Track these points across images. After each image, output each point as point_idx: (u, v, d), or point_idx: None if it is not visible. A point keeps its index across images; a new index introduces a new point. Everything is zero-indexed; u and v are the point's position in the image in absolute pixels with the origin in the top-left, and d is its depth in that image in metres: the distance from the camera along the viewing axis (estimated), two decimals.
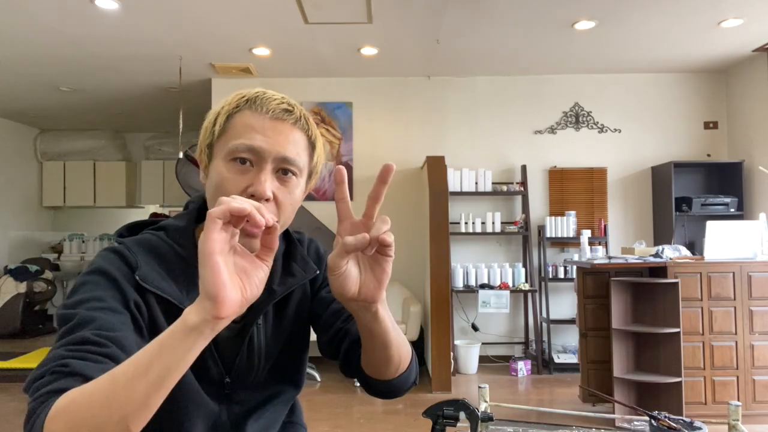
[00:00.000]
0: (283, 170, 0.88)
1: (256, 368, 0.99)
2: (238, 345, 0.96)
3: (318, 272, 1.05)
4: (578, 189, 5.68)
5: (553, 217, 5.47)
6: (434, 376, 4.59)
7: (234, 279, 0.65)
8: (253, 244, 0.73)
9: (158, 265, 0.90)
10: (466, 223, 5.40)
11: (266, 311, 0.99)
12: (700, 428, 1.15)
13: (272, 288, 0.98)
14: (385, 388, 0.99)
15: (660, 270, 3.76)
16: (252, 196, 0.84)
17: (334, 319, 1.04)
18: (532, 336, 5.52)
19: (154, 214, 8.36)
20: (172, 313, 0.86)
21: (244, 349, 0.96)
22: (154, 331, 0.86)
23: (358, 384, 1.03)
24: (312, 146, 0.93)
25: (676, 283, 3.58)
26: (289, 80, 5.78)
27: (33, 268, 7.10)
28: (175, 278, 0.90)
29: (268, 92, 0.92)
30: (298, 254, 1.04)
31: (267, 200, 0.85)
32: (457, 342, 5.34)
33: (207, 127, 0.93)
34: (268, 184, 0.86)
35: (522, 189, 5.52)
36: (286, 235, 1.06)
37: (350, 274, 0.78)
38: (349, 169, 5.76)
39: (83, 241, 8.34)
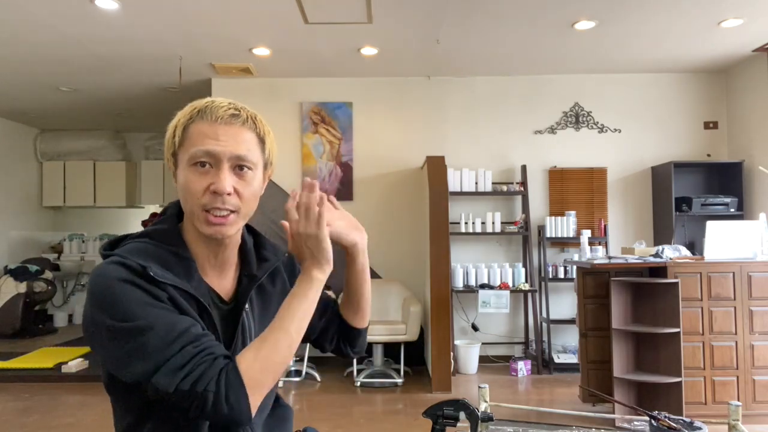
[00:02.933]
0: (239, 166, 1.02)
1: None
2: (231, 331, 1.06)
3: (287, 254, 1.19)
4: (578, 189, 5.68)
5: (553, 217, 5.47)
6: (434, 376, 4.59)
7: None
8: (221, 230, 1.00)
9: (157, 262, 0.99)
10: (466, 223, 5.40)
11: (251, 299, 1.10)
12: (700, 428, 1.15)
13: (252, 274, 1.12)
14: (358, 335, 1.27)
15: (660, 270, 3.76)
16: (215, 192, 0.99)
17: (323, 310, 1.25)
18: (532, 336, 5.52)
19: (153, 214, 8.36)
20: (183, 294, 0.98)
21: (238, 334, 1.06)
22: (177, 308, 0.96)
23: (358, 384, 1.14)
24: (262, 141, 1.05)
25: (676, 283, 3.58)
26: (289, 80, 5.78)
27: (33, 268, 7.10)
28: (175, 272, 1.00)
29: (216, 100, 1.03)
30: (265, 243, 1.18)
31: (228, 194, 0.99)
32: (457, 342, 5.34)
33: (168, 138, 1.05)
34: (227, 180, 0.99)
35: (522, 189, 5.51)
36: (250, 230, 1.18)
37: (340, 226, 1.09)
38: (349, 169, 5.75)
39: (83, 241, 8.34)
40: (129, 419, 1.02)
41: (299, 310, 0.98)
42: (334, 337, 1.27)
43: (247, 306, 1.08)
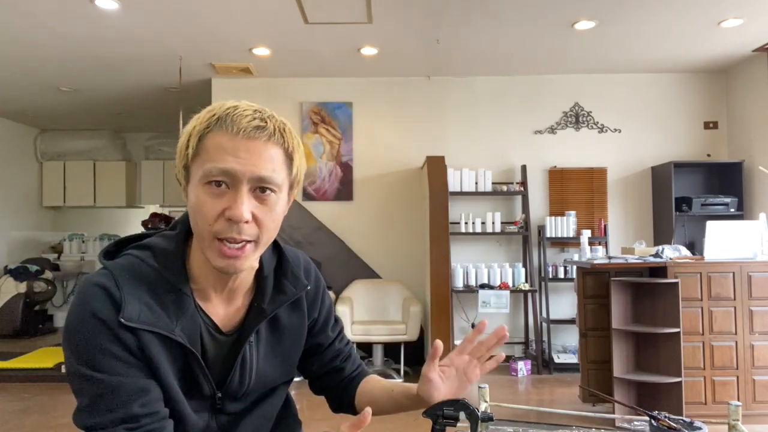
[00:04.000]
0: (261, 188, 0.87)
1: (247, 385, 1.00)
2: (230, 362, 0.97)
3: (309, 287, 1.05)
4: (578, 189, 5.68)
5: (553, 217, 5.47)
6: None
7: None
8: (235, 264, 0.87)
9: (146, 292, 0.88)
10: (466, 223, 5.40)
11: (259, 330, 0.99)
12: (700, 428, 1.15)
13: (262, 307, 0.98)
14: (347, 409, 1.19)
15: (660, 270, 3.76)
16: (230, 220, 0.84)
17: (333, 357, 1.17)
18: (532, 336, 5.52)
19: (153, 214, 8.36)
20: (162, 338, 0.88)
21: (236, 367, 0.97)
22: (148, 361, 0.87)
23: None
24: (290, 159, 0.90)
25: (676, 283, 3.58)
26: (289, 80, 5.78)
27: (33, 268, 7.10)
28: (163, 306, 0.89)
29: (240, 106, 0.88)
30: (289, 270, 1.03)
31: (246, 222, 0.85)
32: (457, 342, 5.33)
33: (181, 148, 0.89)
34: (245, 206, 0.85)
35: (522, 189, 5.51)
36: (276, 248, 1.04)
37: (438, 386, 0.99)
38: (349, 169, 5.75)
39: (83, 241, 8.34)
40: None
41: None
42: (328, 388, 1.21)
43: (252, 338, 0.98)
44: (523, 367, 5.12)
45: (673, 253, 3.88)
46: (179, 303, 0.90)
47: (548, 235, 5.44)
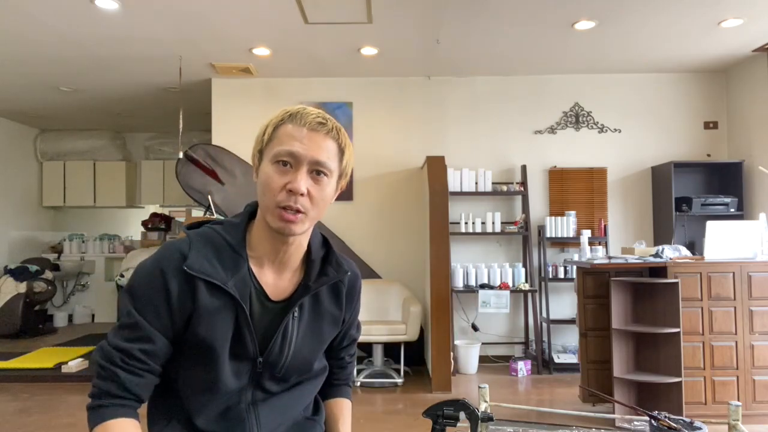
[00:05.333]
0: (317, 171, 1.08)
1: (285, 356, 1.14)
2: (273, 329, 1.13)
3: (348, 273, 1.23)
4: (578, 189, 5.68)
5: (553, 217, 5.47)
6: (434, 376, 4.59)
7: None
8: (290, 227, 1.06)
9: (211, 251, 1.09)
10: (466, 223, 5.40)
11: (303, 306, 1.16)
12: (700, 428, 1.15)
13: (308, 284, 1.16)
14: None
15: (660, 270, 3.76)
16: (290, 191, 1.05)
17: (332, 359, 1.32)
18: (532, 336, 5.52)
19: (154, 214, 8.36)
20: (216, 290, 1.07)
21: (278, 335, 1.12)
22: (196, 305, 1.06)
23: (358, 384, 1.21)
24: (342, 152, 1.12)
25: (676, 283, 3.58)
26: (289, 80, 5.78)
27: (33, 268, 7.09)
28: (222, 262, 1.09)
29: (308, 108, 1.10)
30: (333, 259, 1.21)
31: (302, 195, 1.06)
32: (457, 342, 5.34)
33: (258, 136, 1.12)
34: (303, 182, 1.06)
35: (522, 189, 5.51)
36: (325, 242, 1.23)
37: None
38: None
39: (83, 241, 8.33)
40: (159, 402, 1.16)
41: None
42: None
43: (296, 312, 1.14)
44: (523, 367, 5.12)
45: (673, 253, 3.88)
46: (236, 263, 1.10)
47: (548, 235, 5.44)
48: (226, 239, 1.12)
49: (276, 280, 1.15)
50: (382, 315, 5.22)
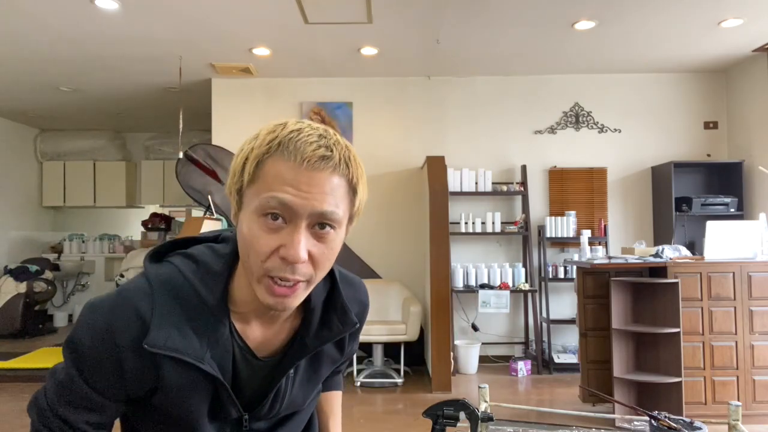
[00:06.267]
0: (320, 224, 0.79)
1: (278, 410, 0.97)
2: (263, 388, 0.94)
3: (358, 325, 0.98)
4: (578, 189, 5.68)
5: (553, 217, 5.47)
6: (434, 376, 4.59)
7: None
8: (284, 303, 0.80)
9: (180, 314, 0.85)
10: (466, 223, 5.40)
11: (299, 365, 0.95)
12: (700, 428, 1.15)
13: (305, 342, 0.93)
14: None
15: (660, 270, 3.76)
16: (284, 259, 0.77)
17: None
18: (532, 336, 5.52)
19: (154, 214, 8.37)
20: (188, 366, 0.84)
21: (270, 397, 0.93)
22: (161, 382, 0.85)
23: (358, 384, 1.13)
24: (353, 191, 0.81)
25: (676, 283, 3.58)
26: (289, 80, 5.78)
27: (33, 268, 7.10)
28: (195, 328, 0.85)
29: (303, 130, 0.78)
30: (339, 304, 0.95)
31: (301, 262, 0.78)
32: (457, 342, 5.34)
33: (236, 170, 0.81)
34: (302, 245, 0.77)
35: (522, 189, 5.51)
36: (331, 277, 0.97)
37: None
38: None
39: (83, 241, 8.34)
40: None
41: None
42: None
43: (291, 372, 0.94)
44: (523, 367, 5.12)
45: (673, 253, 3.88)
46: (214, 328, 0.86)
47: (548, 235, 5.44)
48: (200, 295, 0.85)
49: (265, 334, 0.91)
50: (382, 315, 5.23)
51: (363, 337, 4.84)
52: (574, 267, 4.60)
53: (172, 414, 0.88)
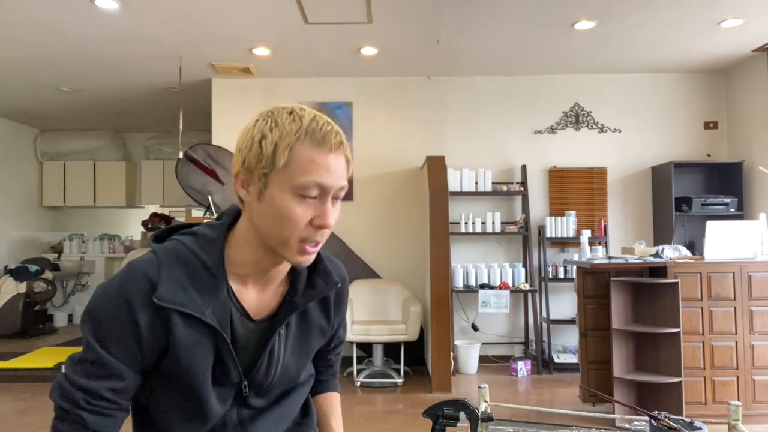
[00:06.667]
0: (337, 196, 0.97)
1: (273, 375, 1.06)
2: (258, 350, 1.03)
3: (339, 285, 1.12)
4: (578, 189, 5.68)
5: (553, 217, 5.47)
6: (434, 376, 4.59)
7: None
8: (310, 259, 0.98)
9: (183, 274, 0.96)
10: (466, 223, 5.40)
11: (289, 322, 1.06)
12: (700, 428, 1.15)
13: (294, 300, 1.05)
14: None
15: (660, 270, 3.76)
16: (319, 226, 0.94)
17: (319, 360, 1.26)
18: (532, 336, 5.52)
19: (154, 214, 8.36)
20: (193, 320, 0.95)
21: (265, 355, 1.03)
22: (171, 338, 0.94)
23: (358, 384, 1.16)
24: (349, 165, 0.99)
25: (676, 283, 3.58)
26: (289, 80, 5.78)
27: (33, 268, 7.09)
28: (197, 287, 0.96)
29: (320, 120, 0.95)
30: (322, 268, 1.09)
31: (330, 227, 0.96)
32: (457, 342, 5.34)
33: (263, 153, 0.92)
34: (333, 212, 0.95)
35: (522, 189, 5.51)
36: None
37: None
38: None
39: (83, 241, 8.33)
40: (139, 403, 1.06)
41: None
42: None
43: (282, 329, 1.04)
44: (523, 367, 5.12)
45: (673, 253, 3.88)
46: (214, 287, 0.97)
47: (548, 235, 5.44)
48: (201, 259, 0.97)
49: (259, 297, 1.04)
50: (382, 315, 5.22)
51: (363, 337, 4.84)
52: (574, 267, 4.60)
53: (181, 379, 0.96)
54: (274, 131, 0.92)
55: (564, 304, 5.61)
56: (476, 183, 5.46)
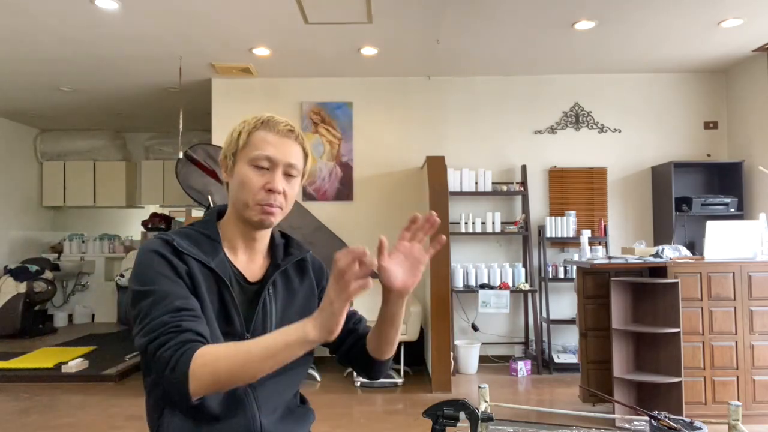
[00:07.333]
0: (288, 173, 1.22)
1: (269, 328, 1.21)
2: (253, 308, 1.22)
3: (309, 251, 1.38)
4: (578, 189, 5.68)
5: (553, 217, 5.47)
6: (434, 376, 4.59)
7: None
8: (270, 219, 1.20)
9: (190, 240, 1.21)
10: (466, 223, 5.40)
11: (276, 284, 1.27)
12: (700, 428, 1.15)
13: (277, 263, 1.29)
14: (380, 367, 1.31)
15: (660, 270, 3.76)
16: (270, 191, 1.19)
17: (346, 319, 1.29)
18: (532, 336, 5.52)
19: (153, 214, 8.36)
20: (203, 267, 1.18)
21: (259, 309, 1.22)
22: (192, 278, 1.15)
23: (358, 384, 1.17)
24: (305, 156, 1.28)
25: (676, 283, 3.58)
26: (289, 80, 5.78)
27: (33, 268, 7.10)
28: (202, 249, 1.20)
29: (275, 117, 1.25)
30: (293, 243, 1.36)
31: (279, 193, 1.20)
32: (457, 342, 5.34)
33: (231, 140, 1.25)
34: (281, 182, 1.21)
35: (522, 189, 5.51)
36: (284, 234, 1.38)
37: (394, 273, 1.17)
38: (349, 169, 5.75)
39: (83, 241, 8.33)
40: (157, 392, 1.17)
41: (273, 347, 1.00)
42: (349, 352, 1.34)
43: (270, 289, 1.25)
44: (523, 367, 5.12)
45: (673, 253, 3.88)
46: (214, 248, 1.22)
47: (548, 235, 5.44)
48: (201, 232, 1.23)
49: (249, 264, 1.27)
50: None
51: None
52: (574, 267, 4.59)
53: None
54: (241, 125, 1.25)
55: (564, 304, 5.61)
56: (476, 183, 5.46)
